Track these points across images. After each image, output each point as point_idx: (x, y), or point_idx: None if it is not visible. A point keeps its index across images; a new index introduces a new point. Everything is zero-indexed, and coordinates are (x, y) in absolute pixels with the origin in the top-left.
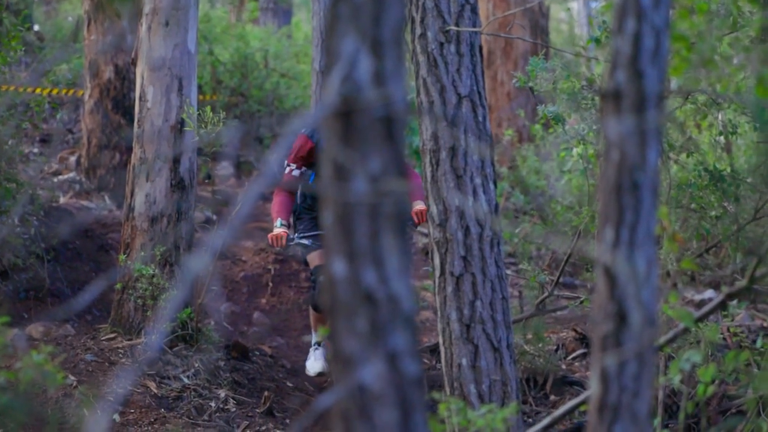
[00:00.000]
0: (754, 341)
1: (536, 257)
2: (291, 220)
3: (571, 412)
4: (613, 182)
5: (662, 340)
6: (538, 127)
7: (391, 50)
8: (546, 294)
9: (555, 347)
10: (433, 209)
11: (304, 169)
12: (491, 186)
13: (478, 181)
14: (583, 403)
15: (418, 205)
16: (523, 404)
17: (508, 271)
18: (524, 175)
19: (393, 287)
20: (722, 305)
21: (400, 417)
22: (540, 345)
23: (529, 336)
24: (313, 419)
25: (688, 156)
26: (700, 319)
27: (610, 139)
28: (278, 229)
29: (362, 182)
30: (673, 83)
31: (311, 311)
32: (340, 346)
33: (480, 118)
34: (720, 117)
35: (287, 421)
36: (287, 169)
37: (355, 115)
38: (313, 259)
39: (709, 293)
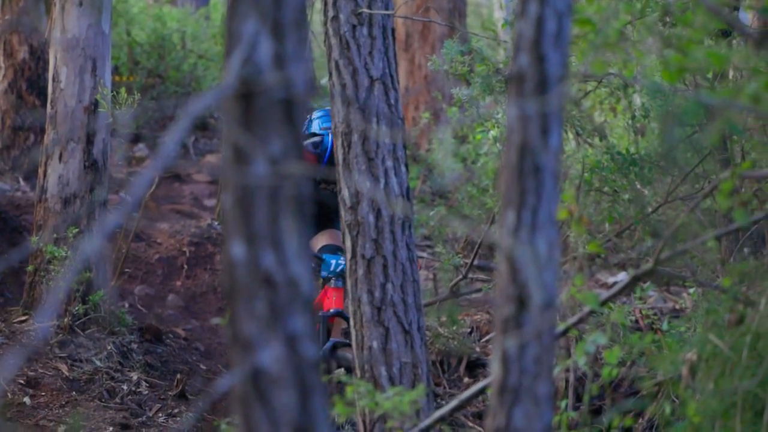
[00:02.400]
0: (674, 326)
1: (452, 240)
2: None
3: (478, 395)
4: (514, 165)
5: (569, 322)
6: (454, 110)
7: (292, 33)
8: (460, 277)
9: (469, 330)
10: (345, 192)
11: None
12: (403, 169)
13: (389, 164)
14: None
15: None
16: (437, 386)
17: (424, 254)
18: (440, 158)
19: (292, 270)
20: (628, 287)
21: (298, 399)
22: (454, 328)
23: (443, 319)
24: (213, 402)
25: (600, 140)
26: (606, 302)
27: (512, 122)
28: None
29: (262, 165)
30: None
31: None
32: (238, 329)
33: (392, 101)
34: (637, 101)
35: (200, 403)
36: None
37: (255, 97)
38: (316, 241)
39: (621, 276)
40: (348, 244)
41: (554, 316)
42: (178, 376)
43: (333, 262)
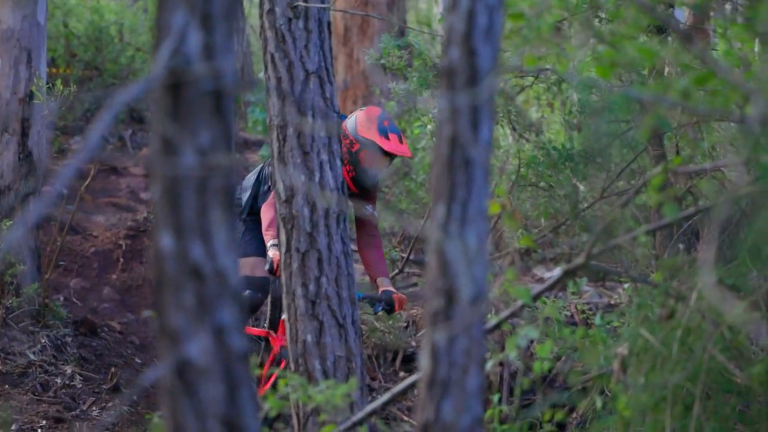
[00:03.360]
0: (609, 321)
1: (389, 234)
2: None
3: (410, 389)
4: (445, 159)
5: (501, 316)
6: (392, 104)
7: (221, 24)
8: (396, 271)
9: (405, 324)
10: (280, 186)
11: None
12: (338, 162)
13: (324, 157)
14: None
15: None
16: (372, 380)
17: None
18: None
19: (220, 262)
20: (560, 282)
21: (226, 392)
22: (390, 322)
23: (381, 313)
24: (147, 395)
25: (536, 135)
26: (538, 296)
27: (443, 116)
28: (277, 252)
29: (190, 156)
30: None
31: None
32: (166, 321)
33: (327, 95)
34: (574, 96)
35: (134, 397)
36: None
37: (183, 88)
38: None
39: (558, 271)
40: (283, 237)
41: (483, 309)
42: (113, 369)
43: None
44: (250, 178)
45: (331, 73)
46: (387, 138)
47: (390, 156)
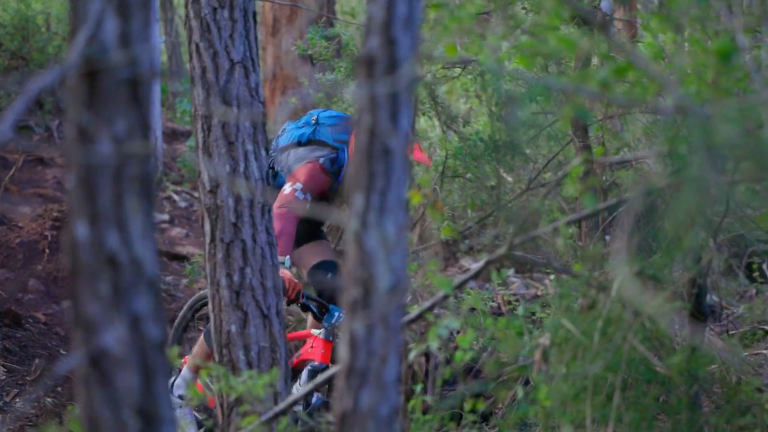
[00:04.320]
0: (533, 312)
1: None
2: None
3: (333, 379)
4: (364, 148)
5: (423, 307)
6: (321, 95)
7: (138, 12)
8: None
9: None
10: (204, 176)
11: (310, 198)
12: (263, 153)
13: (249, 147)
14: None
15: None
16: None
17: None
18: None
19: (136, 250)
20: (482, 272)
21: (141, 381)
22: None
23: None
24: (63, 385)
25: (464, 126)
26: (460, 286)
27: (362, 105)
28: (286, 270)
29: (106, 144)
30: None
31: None
32: (81, 310)
33: (253, 85)
34: (502, 87)
35: (59, 389)
36: (291, 189)
37: (99, 76)
38: (308, 255)
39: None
40: (207, 227)
41: (402, 299)
42: (37, 361)
43: (336, 314)
44: None
45: (256, 63)
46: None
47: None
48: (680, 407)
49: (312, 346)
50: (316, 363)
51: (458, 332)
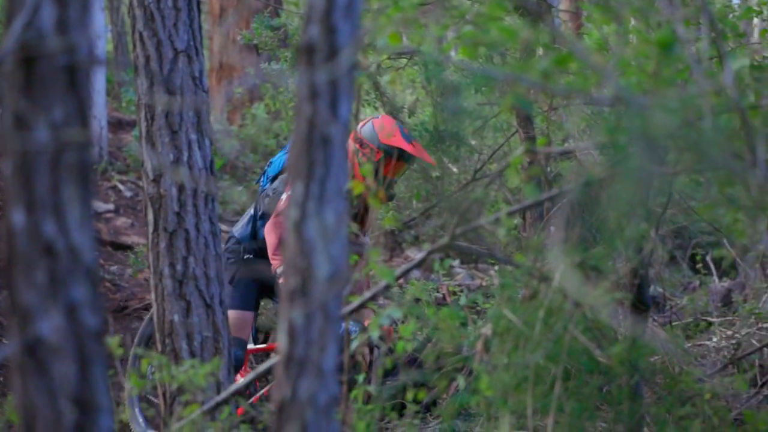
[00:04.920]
0: (475, 301)
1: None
2: None
3: (274, 368)
4: (304, 136)
5: (365, 296)
6: (268, 85)
7: None
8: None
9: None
10: (148, 165)
11: None
12: (207, 142)
13: (193, 137)
14: None
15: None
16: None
17: None
18: (253, 134)
19: (73, 238)
20: (423, 262)
21: (77, 370)
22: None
23: None
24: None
25: (409, 116)
26: (401, 276)
27: (302, 94)
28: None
29: (43, 132)
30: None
31: None
32: (17, 298)
33: (196, 74)
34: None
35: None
36: (287, 197)
37: (36, 63)
38: None
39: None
40: (150, 217)
41: (341, 288)
42: None
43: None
44: (244, 218)
45: (200, 52)
46: (412, 145)
47: (408, 163)
48: (621, 397)
49: None
50: None
51: (402, 322)
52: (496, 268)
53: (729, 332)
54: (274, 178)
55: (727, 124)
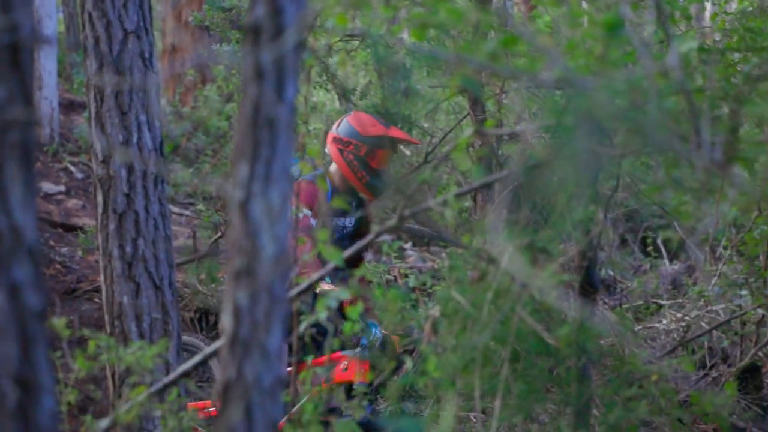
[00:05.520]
0: (424, 283)
1: (215, 198)
2: None
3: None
4: (249, 117)
5: (312, 278)
6: (220, 67)
7: None
8: (219, 234)
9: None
10: (97, 146)
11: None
12: (156, 123)
13: (143, 118)
14: None
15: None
16: None
17: (187, 212)
18: (206, 116)
19: (16, 219)
20: (370, 243)
21: (19, 350)
22: (213, 285)
23: (203, 276)
24: None
25: (361, 98)
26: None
27: (248, 74)
28: (326, 285)
29: None
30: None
31: None
32: None
33: (146, 54)
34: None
35: None
36: (302, 215)
37: None
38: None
39: (386, 237)
40: (99, 198)
41: (286, 268)
42: None
43: (374, 331)
44: None
45: (150, 33)
46: (390, 129)
47: (393, 149)
48: (569, 379)
49: (346, 368)
50: (358, 383)
51: (350, 303)
52: (448, 250)
53: (679, 315)
54: None
55: (673, 106)
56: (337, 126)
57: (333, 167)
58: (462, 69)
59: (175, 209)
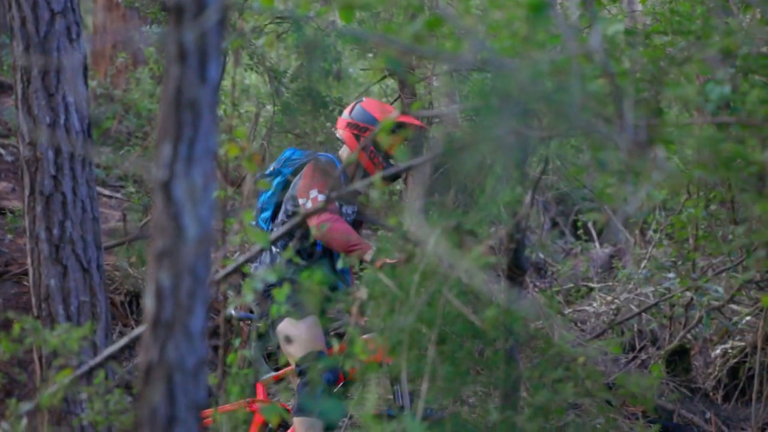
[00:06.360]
0: (353, 265)
1: (146, 181)
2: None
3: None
4: (172, 97)
5: (238, 260)
6: (152, 49)
7: None
8: (150, 217)
9: None
10: (24, 127)
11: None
12: (84, 105)
13: (70, 99)
14: None
15: None
16: (125, 327)
17: (118, 195)
18: (137, 98)
19: None
20: (298, 225)
21: None
22: (143, 268)
23: (133, 259)
24: None
25: (292, 81)
26: (276, 240)
27: (171, 55)
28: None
29: None
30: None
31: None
32: None
33: (74, 36)
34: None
35: None
36: (313, 198)
37: None
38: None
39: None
40: (26, 180)
41: (209, 249)
42: None
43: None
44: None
45: (77, 13)
46: (404, 115)
47: (404, 134)
48: (496, 361)
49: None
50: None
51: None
52: (379, 232)
53: (609, 298)
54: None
55: (598, 88)
56: (350, 111)
57: (343, 152)
58: (387, 51)
59: (106, 192)
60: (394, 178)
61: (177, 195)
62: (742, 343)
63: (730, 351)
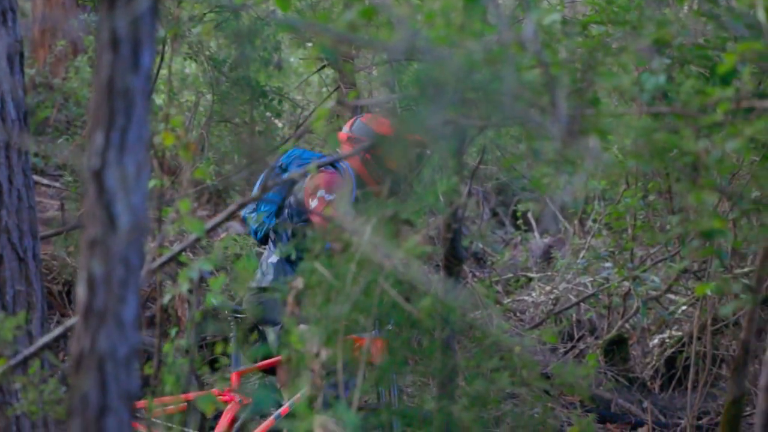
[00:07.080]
0: (289, 255)
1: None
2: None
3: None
4: (104, 85)
5: (174, 250)
6: (91, 38)
7: None
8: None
9: None
10: None
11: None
12: (20, 93)
13: (6, 87)
14: None
15: None
16: (63, 317)
17: (56, 184)
18: (77, 87)
19: None
20: (233, 214)
21: None
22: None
23: (71, 248)
24: None
25: (231, 70)
26: (212, 229)
27: (103, 41)
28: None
29: None
30: None
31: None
32: None
33: (9, 23)
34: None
35: None
36: (320, 198)
37: None
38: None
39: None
40: None
41: (142, 239)
42: None
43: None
44: (269, 264)
45: (14, 2)
46: None
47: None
48: (432, 350)
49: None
50: None
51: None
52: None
53: (548, 288)
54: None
55: (533, 78)
56: (350, 126)
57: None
58: (321, 39)
59: (45, 181)
60: (393, 192)
61: (109, 183)
62: (680, 333)
63: (667, 341)
